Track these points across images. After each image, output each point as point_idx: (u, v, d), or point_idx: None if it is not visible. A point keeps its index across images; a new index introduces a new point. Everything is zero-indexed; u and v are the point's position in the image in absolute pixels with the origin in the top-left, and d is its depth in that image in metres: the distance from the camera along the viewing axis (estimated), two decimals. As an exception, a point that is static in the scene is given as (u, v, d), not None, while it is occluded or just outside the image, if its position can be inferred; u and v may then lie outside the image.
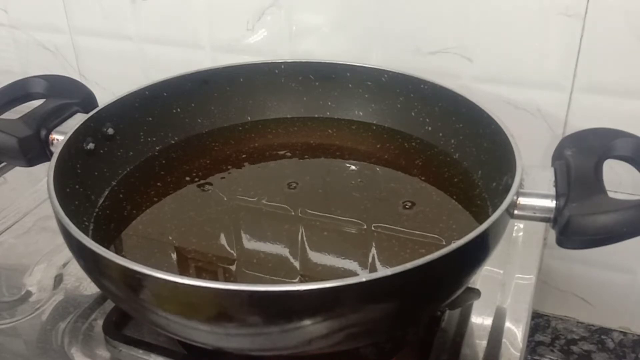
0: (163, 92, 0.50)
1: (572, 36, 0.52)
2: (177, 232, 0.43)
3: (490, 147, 0.43)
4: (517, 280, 0.47)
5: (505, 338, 0.41)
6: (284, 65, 0.53)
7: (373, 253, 0.40)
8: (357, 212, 0.44)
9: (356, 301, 0.30)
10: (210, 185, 0.47)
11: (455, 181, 0.46)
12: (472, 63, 0.56)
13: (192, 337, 0.34)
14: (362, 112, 0.53)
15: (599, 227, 0.34)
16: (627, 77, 0.52)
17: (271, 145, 0.52)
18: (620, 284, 0.63)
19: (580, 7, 0.51)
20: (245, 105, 0.54)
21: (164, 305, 0.32)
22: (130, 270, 0.30)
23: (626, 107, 0.53)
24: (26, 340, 0.42)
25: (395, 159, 0.49)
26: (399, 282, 0.30)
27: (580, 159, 0.38)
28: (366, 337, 0.35)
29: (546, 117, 0.56)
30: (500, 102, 0.57)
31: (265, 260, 0.40)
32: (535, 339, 0.65)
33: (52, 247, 0.50)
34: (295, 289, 0.29)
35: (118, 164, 0.47)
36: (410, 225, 0.42)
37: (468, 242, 0.31)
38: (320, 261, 0.40)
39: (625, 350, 0.64)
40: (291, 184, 0.47)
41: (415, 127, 0.50)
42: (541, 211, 0.37)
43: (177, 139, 0.51)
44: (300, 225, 0.43)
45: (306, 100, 0.54)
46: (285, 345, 0.33)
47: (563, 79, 0.54)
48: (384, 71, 0.51)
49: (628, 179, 0.55)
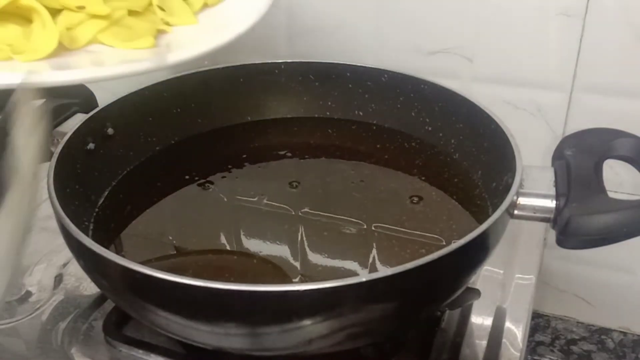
0: (163, 92, 0.50)
1: (572, 36, 0.52)
2: (177, 232, 0.43)
3: (490, 147, 0.43)
4: (517, 280, 0.47)
5: (505, 338, 0.41)
6: (284, 65, 0.53)
7: (373, 253, 0.40)
8: (357, 212, 0.44)
9: (356, 301, 0.30)
10: (210, 185, 0.47)
11: (455, 181, 0.46)
12: (472, 63, 0.56)
13: (192, 337, 0.34)
14: (362, 112, 0.53)
15: (599, 227, 0.34)
16: (627, 77, 0.52)
17: (271, 145, 0.52)
18: (620, 284, 0.63)
19: (580, 7, 0.51)
20: (245, 105, 0.54)
21: (164, 305, 0.32)
22: (130, 270, 0.30)
23: (626, 107, 0.53)
24: (26, 340, 0.42)
25: (395, 159, 0.49)
26: (399, 282, 0.30)
27: (580, 159, 0.38)
28: (366, 337, 0.35)
29: (546, 117, 0.57)
30: (500, 102, 0.57)
31: (265, 260, 0.40)
32: (535, 339, 0.65)
33: (52, 247, 0.50)
34: (295, 289, 0.29)
35: (118, 164, 0.47)
36: (410, 225, 0.42)
37: (468, 242, 0.31)
38: (320, 261, 0.40)
39: (625, 350, 0.64)
40: (292, 183, 0.47)
41: (415, 127, 0.50)
42: (541, 211, 0.37)
43: (177, 139, 0.51)
44: (300, 225, 0.43)
45: (306, 100, 0.54)
46: (285, 345, 0.33)
47: (563, 79, 0.54)
48: (384, 71, 0.51)
49: (628, 179, 0.55)
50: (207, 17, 0.45)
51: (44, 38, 0.35)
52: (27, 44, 0.36)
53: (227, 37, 0.41)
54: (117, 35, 0.38)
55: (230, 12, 0.45)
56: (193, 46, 0.39)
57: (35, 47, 0.35)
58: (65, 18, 0.37)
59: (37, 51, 0.35)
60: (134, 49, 0.38)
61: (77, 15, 0.37)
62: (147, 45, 0.38)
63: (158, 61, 0.37)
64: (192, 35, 0.42)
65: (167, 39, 0.41)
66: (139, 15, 0.41)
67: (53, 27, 0.35)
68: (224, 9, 0.46)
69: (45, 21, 0.35)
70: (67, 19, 0.37)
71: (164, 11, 0.42)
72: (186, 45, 0.40)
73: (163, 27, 0.41)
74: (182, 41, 0.41)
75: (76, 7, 0.37)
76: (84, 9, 0.37)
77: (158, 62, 0.37)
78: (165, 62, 0.38)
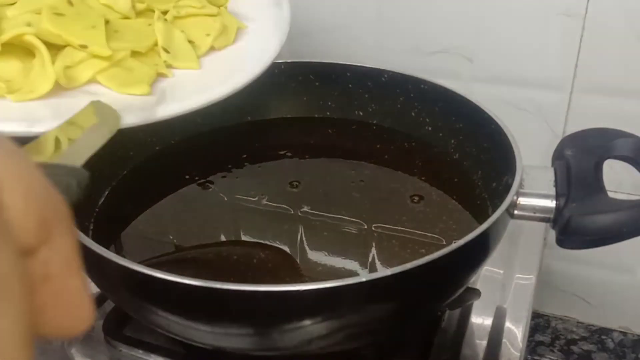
0: (163, 92, 0.50)
1: (572, 36, 0.52)
2: (177, 232, 0.43)
3: (490, 147, 0.43)
4: (517, 280, 0.47)
5: (505, 338, 0.41)
6: (284, 65, 0.53)
7: (373, 253, 0.40)
8: (357, 212, 0.44)
9: (356, 301, 0.30)
10: (211, 185, 0.47)
11: (455, 181, 0.46)
12: (472, 63, 0.56)
13: (192, 337, 0.34)
14: (362, 112, 0.53)
15: (599, 227, 0.34)
16: (627, 77, 0.52)
17: (271, 145, 0.52)
18: (620, 284, 0.63)
19: (580, 7, 0.51)
20: (245, 105, 0.54)
21: (164, 305, 0.32)
22: (130, 270, 0.30)
23: (626, 107, 0.53)
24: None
25: (395, 159, 0.49)
26: (399, 282, 0.30)
27: (580, 159, 0.38)
28: (366, 337, 0.35)
29: (546, 117, 0.57)
30: (500, 102, 0.57)
31: (265, 260, 0.40)
32: (535, 339, 0.65)
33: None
34: (295, 289, 0.29)
35: (118, 164, 0.47)
36: (410, 225, 0.42)
37: (468, 242, 0.31)
38: (320, 261, 0.40)
39: (625, 350, 0.64)
40: (292, 183, 0.47)
41: (415, 127, 0.50)
42: (541, 211, 0.37)
43: (177, 139, 0.51)
44: (300, 225, 0.43)
45: (306, 100, 0.54)
46: (285, 345, 0.33)
47: (563, 79, 0.54)
48: (384, 71, 0.51)
49: (628, 179, 0.55)
50: (212, 62, 0.44)
51: (41, 78, 0.35)
52: (24, 82, 0.36)
53: (223, 91, 0.41)
54: (115, 77, 0.38)
55: (236, 59, 0.45)
56: (185, 100, 0.39)
57: (31, 87, 0.35)
58: (66, 55, 0.36)
59: (33, 91, 0.35)
60: (128, 95, 0.38)
61: (79, 53, 0.37)
62: (141, 93, 0.38)
63: (145, 116, 0.37)
64: (191, 83, 0.42)
65: (165, 83, 0.41)
66: (141, 57, 0.40)
67: (51, 68, 0.35)
68: (230, 53, 0.46)
69: (44, 61, 0.35)
70: (68, 56, 0.36)
71: (169, 53, 0.41)
72: (180, 96, 0.40)
73: (164, 72, 0.41)
74: (178, 90, 0.41)
75: (79, 46, 0.37)
76: (86, 48, 0.37)
77: (145, 117, 0.37)
78: (155, 116, 0.38)
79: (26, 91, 0.35)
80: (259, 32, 0.48)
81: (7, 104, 0.35)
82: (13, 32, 0.35)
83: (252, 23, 0.48)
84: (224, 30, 0.45)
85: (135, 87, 0.38)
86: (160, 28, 0.41)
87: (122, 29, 0.40)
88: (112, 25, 0.39)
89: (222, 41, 0.45)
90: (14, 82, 0.35)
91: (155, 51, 0.41)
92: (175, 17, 0.43)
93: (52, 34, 0.36)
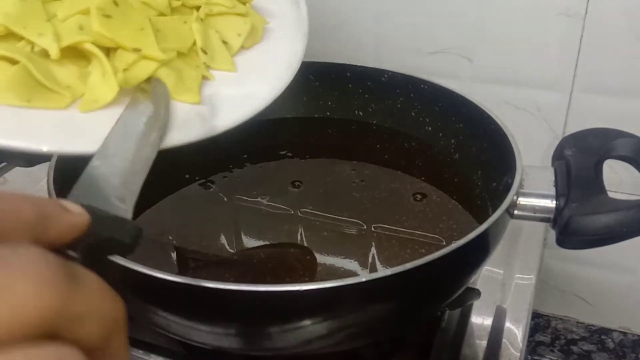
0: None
1: (572, 36, 0.52)
2: (177, 232, 0.43)
3: (490, 147, 0.43)
4: (517, 280, 0.47)
5: (505, 338, 0.41)
6: (284, 65, 0.53)
7: (373, 253, 0.40)
8: (357, 212, 0.44)
9: (356, 301, 0.30)
10: (211, 185, 0.47)
11: (455, 181, 0.46)
12: (472, 63, 0.56)
13: (192, 337, 0.34)
14: (362, 112, 0.53)
15: (599, 227, 0.34)
16: (627, 77, 0.52)
17: (271, 145, 0.52)
18: (620, 284, 0.63)
19: (580, 7, 0.51)
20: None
21: (164, 305, 0.32)
22: (130, 270, 0.30)
23: (626, 107, 0.53)
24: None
25: (395, 159, 0.49)
26: (399, 282, 0.30)
27: (580, 159, 0.38)
28: (366, 337, 0.35)
29: (546, 117, 0.57)
30: (500, 102, 0.57)
31: (265, 260, 0.40)
32: (535, 339, 0.65)
33: (52, 247, 0.50)
34: (295, 289, 0.29)
35: (118, 164, 0.47)
36: (410, 225, 0.42)
37: (468, 242, 0.31)
38: (320, 261, 0.40)
39: (625, 350, 0.64)
40: (293, 182, 0.47)
41: (415, 127, 0.50)
42: (541, 211, 0.37)
43: (177, 139, 0.51)
44: (300, 225, 0.43)
45: (306, 100, 0.54)
46: (285, 345, 0.33)
47: (563, 79, 0.54)
48: (384, 71, 0.51)
49: (628, 179, 0.55)
50: (245, 61, 0.43)
51: (104, 86, 0.35)
52: (84, 88, 0.35)
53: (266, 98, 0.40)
54: (168, 77, 0.37)
55: (265, 61, 0.43)
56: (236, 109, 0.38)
57: (94, 96, 0.35)
58: (120, 59, 0.36)
59: (97, 101, 0.35)
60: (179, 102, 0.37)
61: (131, 55, 0.36)
62: (193, 101, 0.38)
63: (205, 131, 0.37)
64: (228, 88, 0.40)
65: (209, 92, 0.39)
66: (184, 58, 0.39)
67: (112, 77, 0.35)
68: (258, 54, 0.44)
69: (105, 70, 0.35)
70: (122, 59, 0.36)
71: (207, 54, 0.41)
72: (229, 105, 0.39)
73: (207, 75, 0.40)
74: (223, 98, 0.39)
75: (132, 49, 0.36)
76: (139, 52, 0.36)
77: (206, 131, 0.37)
78: (215, 130, 0.37)
79: (90, 100, 0.35)
80: (281, 31, 0.46)
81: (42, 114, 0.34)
82: (72, 39, 0.34)
83: (272, 19, 0.47)
84: (252, 29, 0.44)
85: (186, 95, 0.37)
86: (198, 29, 0.40)
87: (162, 28, 0.39)
88: (153, 24, 0.38)
89: (251, 40, 0.44)
90: (75, 88, 0.35)
91: (194, 51, 0.41)
92: (207, 14, 0.43)
93: (105, 38, 0.35)
